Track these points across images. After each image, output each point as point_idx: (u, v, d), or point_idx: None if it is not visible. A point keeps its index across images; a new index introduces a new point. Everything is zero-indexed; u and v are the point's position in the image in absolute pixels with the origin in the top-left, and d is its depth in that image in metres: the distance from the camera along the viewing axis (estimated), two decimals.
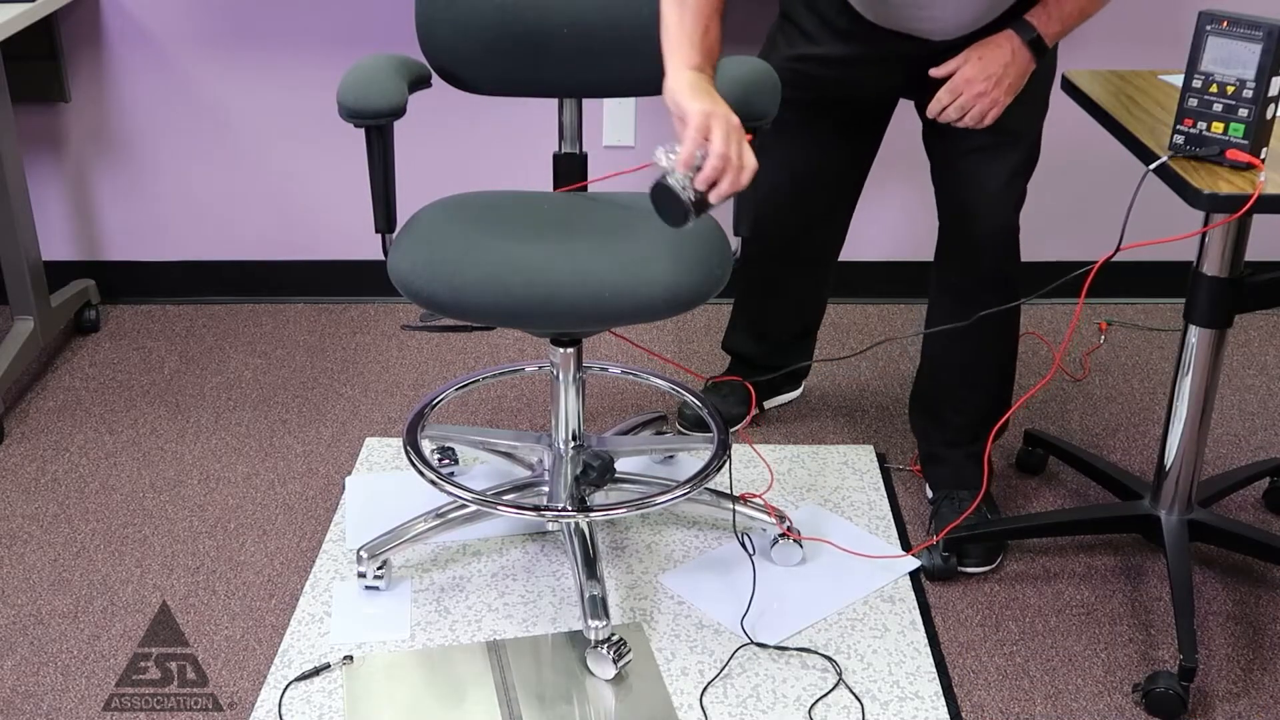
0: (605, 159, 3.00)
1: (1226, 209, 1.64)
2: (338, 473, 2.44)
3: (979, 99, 1.97)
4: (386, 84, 1.89)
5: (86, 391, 2.73)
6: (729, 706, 1.87)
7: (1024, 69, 1.97)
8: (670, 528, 2.27)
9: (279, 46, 2.92)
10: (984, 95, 1.97)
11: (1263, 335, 3.02)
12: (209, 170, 3.04)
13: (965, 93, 1.98)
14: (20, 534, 2.26)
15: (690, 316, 3.08)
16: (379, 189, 1.93)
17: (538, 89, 2.14)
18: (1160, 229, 2.14)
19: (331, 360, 2.88)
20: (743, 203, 1.97)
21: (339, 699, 1.88)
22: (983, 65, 1.96)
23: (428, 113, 2.91)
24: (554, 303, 1.82)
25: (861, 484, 2.41)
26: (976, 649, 2.00)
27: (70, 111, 2.98)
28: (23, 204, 2.72)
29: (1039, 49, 1.96)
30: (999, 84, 1.96)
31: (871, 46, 2.06)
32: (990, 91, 1.96)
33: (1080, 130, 2.92)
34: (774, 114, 1.88)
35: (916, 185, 3.00)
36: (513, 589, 2.11)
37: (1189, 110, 1.72)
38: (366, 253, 3.11)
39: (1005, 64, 1.95)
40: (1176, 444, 2.05)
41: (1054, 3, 1.96)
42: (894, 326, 3.05)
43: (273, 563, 2.18)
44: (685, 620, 2.04)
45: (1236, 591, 2.13)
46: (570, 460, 2.12)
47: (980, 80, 1.96)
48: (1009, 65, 1.95)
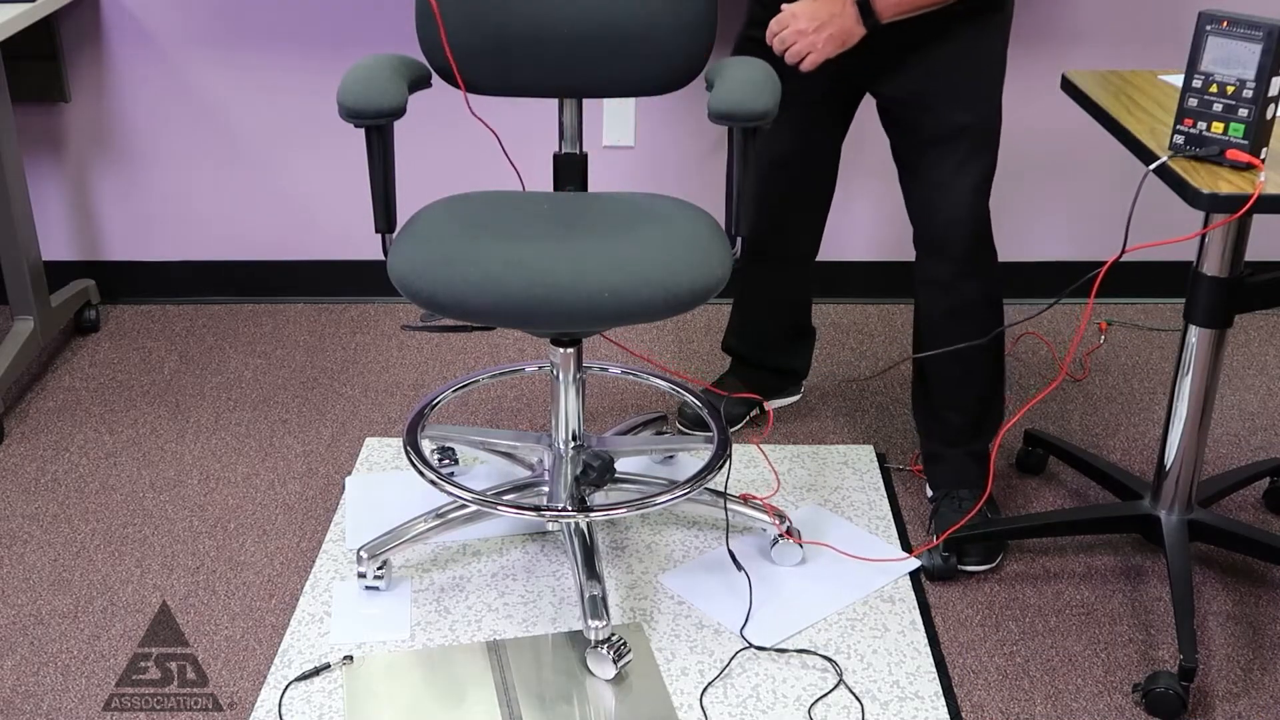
0: (605, 159, 3.00)
1: (1226, 209, 1.64)
2: (338, 473, 2.44)
3: (799, 36, 2.02)
4: (386, 84, 1.89)
5: (86, 391, 2.73)
6: (729, 707, 1.87)
7: (848, 27, 2.00)
8: (670, 528, 2.27)
9: (279, 47, 2.92)
10: (804, 35, 2.01)
11: (1263, 335, 3.02)
12: (209, 170, 3.05)
13: (790, 26, 2.03)
14: (20, 534, 2.26)
15: (690, 316, 3.08)
16: (379, 189, 1.93)
17: (538, 89, 2.14)
18: (1160, 229, 2.14)
19: (331, 360, 2.88)
20: (742, 203, 1.97)
21: (339, 699, 1.88)
22: (813, 9, 2.01)
23: (428, 113, 2.91)
24: (554, 303, 1.82)
25: (861, 484, 2.41)
26: (976, 649, 2.00)
27: (70, 111, 2.98)
28: (23, 204, 2.72)
29: (866, 13, 1.99)
30: (819, 30, 2.00)
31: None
32: (810, 34, 2.01)
33: (1080, 130, 2.92)
34: (774, 114, 1.88)
35: None
36: (513, 589, 2.11)
37: (1189, 110, 1.72)
38: (366, 253, 3.11)
39: (832, 14, 2.00)
40: (1176, 444, 2.05)
41: None
42: (894, 326, 3.05)
43: (273, 563, 2.18)
44: (685, 620, 2.04)
45: (1236, 591, 2.13)
46: (570, 460, 2.12)
47: (804, 19, 2.01)
48: (835, 16, 2.00)
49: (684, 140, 3.01)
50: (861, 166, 2.90)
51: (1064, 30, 2.90)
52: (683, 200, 2.10)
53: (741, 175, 1.95)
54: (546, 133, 2.45)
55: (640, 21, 2.06)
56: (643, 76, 2.12)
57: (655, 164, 3.04)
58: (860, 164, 2.87)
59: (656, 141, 3.02)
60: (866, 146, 2.57)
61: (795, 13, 2.03)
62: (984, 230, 2.17)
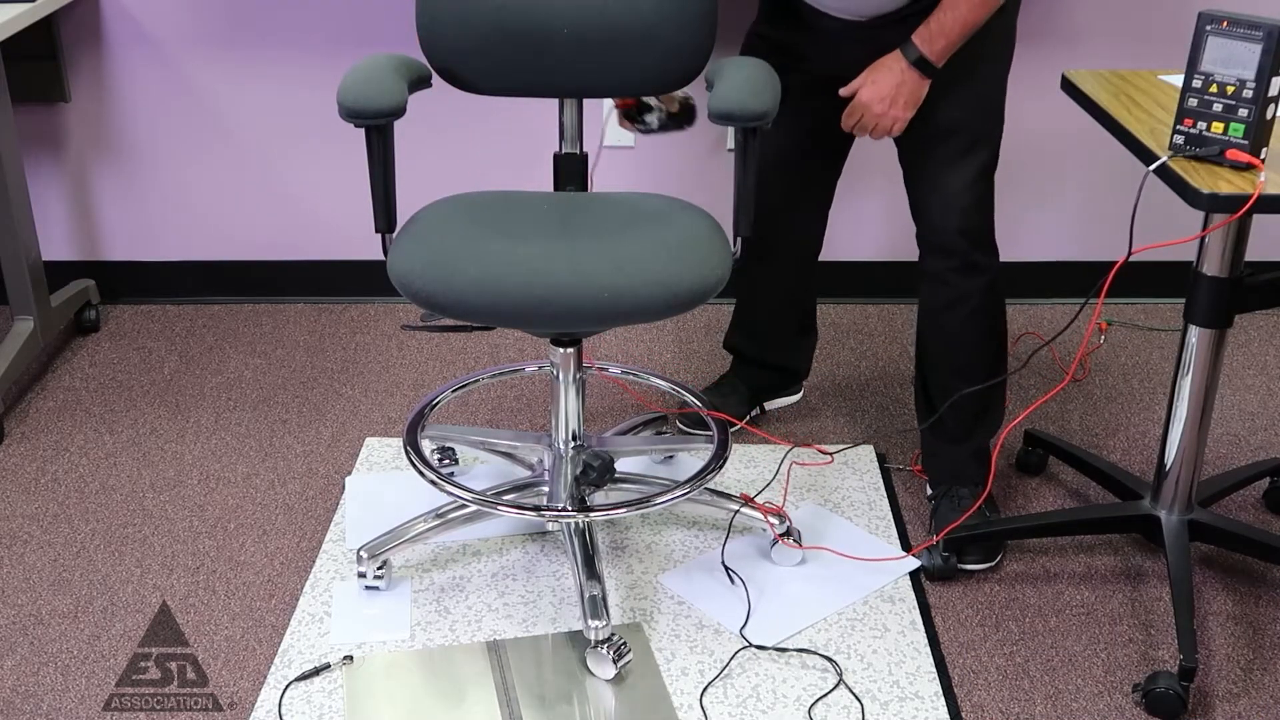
0: (605, 159, 3.00)
1: (1226, 209, 1.64)
2: (338, 473, 2.44)
3: (879, 119, 2.09)
4: (386, 84, 1.89)
5: (86, 391, 2.73)
6: (729, 706, 1.87)
7: (916, 87, 2.06)
8: (670, 528, 2.27)
9: (279, 46, 2.92)
10: (883, 115, 2.08)
11: (1263, 335, 3.02)
12: (209, 170, 3.04)
13: (864, 114, 2.09)
14: (20, 534, 2.26)
15: (690, 316, 3.08)
16: (379, 189, 1.93)
17: (538, 89, 2.14)
18: (1160, 228, 2.13)
19: (331, 360, 2.88)
20: (743, 203, 1.97)
21: (339, 699, 1.88)
22: (876, 89, 2.07)
23: (428, 113, 2.91)
24: (553, 303, 1.82)
25: (861, 484, 2.41)
26: (976, 649, 2.00)
27: (70, 111, 2.98)
28: (23, 204, 2.72)
29: (925, 68, 2.04)
30: (894, 104, 2.06)
31: (803, 24, 2.16)
32: (888, 112, 2.07)
33: (1080, 130, 2.92)
34: (774, 114, 1.89)
35: None
36: (513, 589, 2.11)
37: (1189, 110, 1.72)
38: (366, 253, 3.11)
39: (896, 85, 2.05)
40: (1176, 444, 2.05)
41: (935, 20, 2.01)
42: (894, 326, 3.05)
43: (273, 563, 2.18)
44: (685, 620, 2.04)
45: (1236, 591, 2.13)
46: (570, 460, 2.12)
47: (876, 103, 2.07)
48: (900, 86, 2.05)
49: (684, 140, 3.01)
50: (862, 166, 2.90)
51: (1064, 30, 2.90)
52: (683, 200, 2.10)
53: (742, 175, 1.95)
54: (546, 133, 2.45)
55: (640, 21, 2.06)
56: (643, 76, 2.12)
57: (655, 164, 3.04)
58: (861, 163, 2.87)
59: (656, 141, 3.02)
60: (867, 146, 2.57)
61: (864, 101, 2.08)
62: (986, 225, 2.18)
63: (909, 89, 2.05)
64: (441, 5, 2.07)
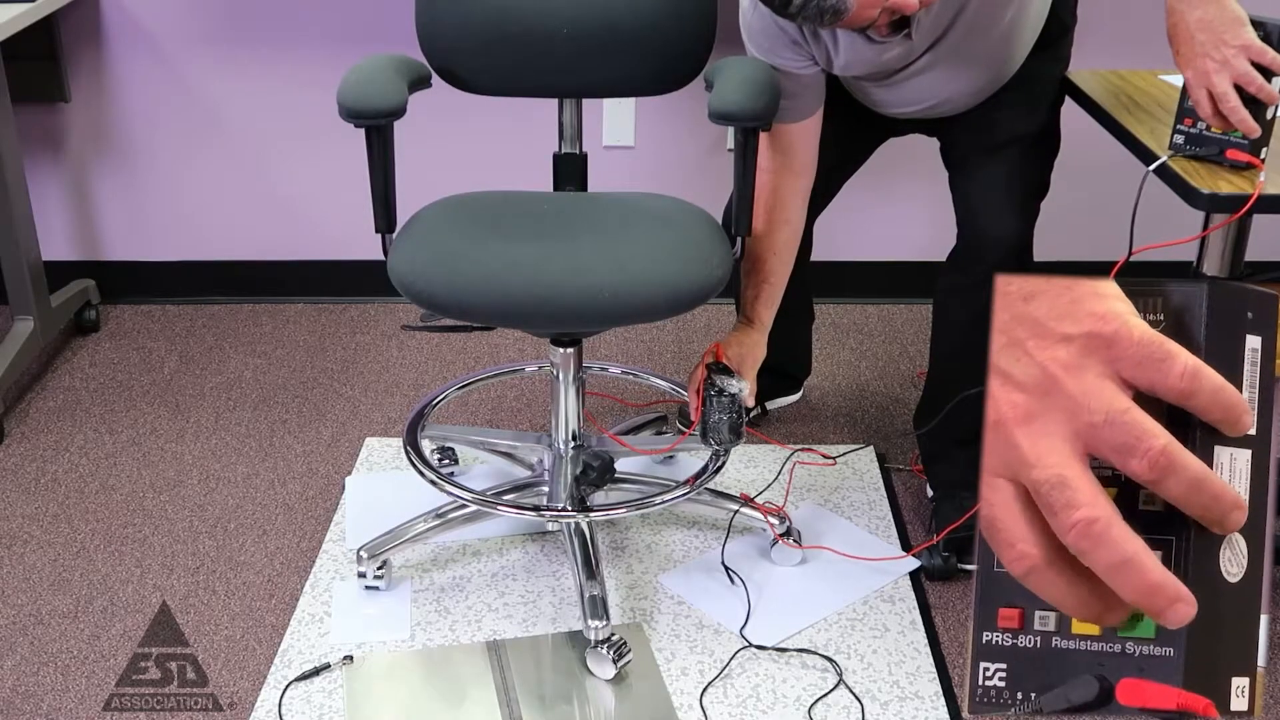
0: (605, 159, 3.00)
1: (1226, 209, 1.64)
2: (338, 473, 2.44)
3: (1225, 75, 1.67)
4: (386, 84, 1.89)
5: (86, 391, 2.73)
6: (729, 706, 1.87)
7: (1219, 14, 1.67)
8: (670, 528, 2.27)
9: (279, 46, 2.92)
10: (1223, 64, 1.66)
11: None
12: (209, 170, 3.04)
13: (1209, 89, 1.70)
14: (20, 534, 2.26)
15: (690, 316, 3.08)
16: (379, 189, 1.93)
17: (538, 89, 2.14)
18: (1160, 228, 2.13)
19: (331, 360, 2.88)
20: (743, 203, 1.97)
21: (339, 699, 1.88)
22: (1197, 71, 1.68)
23: (428, 113, 2.91)
24: (554, 303, 1.82)
25: (861, 484, 2.41)
26: None
27: (70, 111, 2.98)
28: (23, 204, 2.72)
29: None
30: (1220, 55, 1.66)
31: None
32: (1228, 62, 1.66)
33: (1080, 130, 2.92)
34: (774, 114, 1.88)
35: (922, 187, 3.00)
36: (513, 589, 2.11)
37: (1189, 110, 1.72)
38: (366, 253, 3.10)
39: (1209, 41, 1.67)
40: None
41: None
42: (893, 326, 3.05)
43: (273, 563, 2.18)
44: (685, 620, 2.04)
45: None
46: (570, 460, 2.12)
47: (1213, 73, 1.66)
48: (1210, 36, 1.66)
49: (684, 140, 3.01)
50: (863, 167, 2.89)
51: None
52: (683, 200, 2.10)
53: (742, 175, 1.95)
54: (546, 133, 2.45)
55: (640, 21, 2.06)
56: (643, 76, 2.12)
57: (655, 164, 3.04)
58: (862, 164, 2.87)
59: (656, 141, 3.02)
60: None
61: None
62: (1026, 244, 2.14)
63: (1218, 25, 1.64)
64: (441, 5, 2.08)
